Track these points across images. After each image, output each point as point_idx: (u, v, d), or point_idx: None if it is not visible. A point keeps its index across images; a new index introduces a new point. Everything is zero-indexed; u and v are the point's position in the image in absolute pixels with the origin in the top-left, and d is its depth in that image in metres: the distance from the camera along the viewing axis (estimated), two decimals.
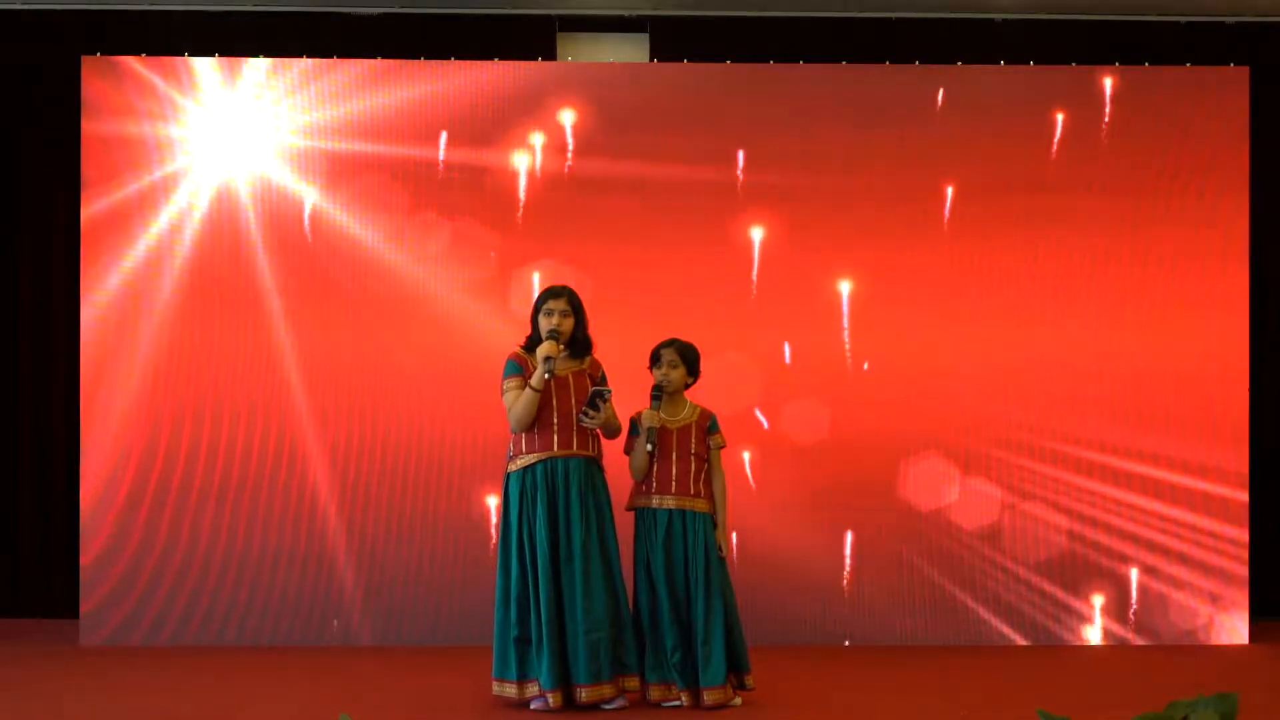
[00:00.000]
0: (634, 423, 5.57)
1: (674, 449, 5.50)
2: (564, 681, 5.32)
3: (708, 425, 5.58)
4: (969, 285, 6.94)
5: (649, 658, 5.44)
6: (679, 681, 5.40)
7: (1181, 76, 7.03)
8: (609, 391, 5.42)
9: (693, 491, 5.48)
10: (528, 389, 5.37)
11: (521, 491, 5.38)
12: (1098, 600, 6.88)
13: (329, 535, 6.84)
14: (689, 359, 5.60)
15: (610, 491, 5.52)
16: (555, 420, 5.40)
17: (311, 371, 6.86)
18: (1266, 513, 7.45)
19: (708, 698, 5.37)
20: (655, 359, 5.59)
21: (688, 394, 5.63)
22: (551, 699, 5.27)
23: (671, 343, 5.61)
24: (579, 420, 5.40)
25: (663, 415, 5.52)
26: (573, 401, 5.42)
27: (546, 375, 5.34)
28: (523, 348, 5.53)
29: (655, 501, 5.48)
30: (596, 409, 5.39)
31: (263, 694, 5.76)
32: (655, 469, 5.48)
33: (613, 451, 5.61)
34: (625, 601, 5.44)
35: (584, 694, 5.31)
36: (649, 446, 5.44)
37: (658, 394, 5.53)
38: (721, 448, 5.61)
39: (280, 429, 6.84)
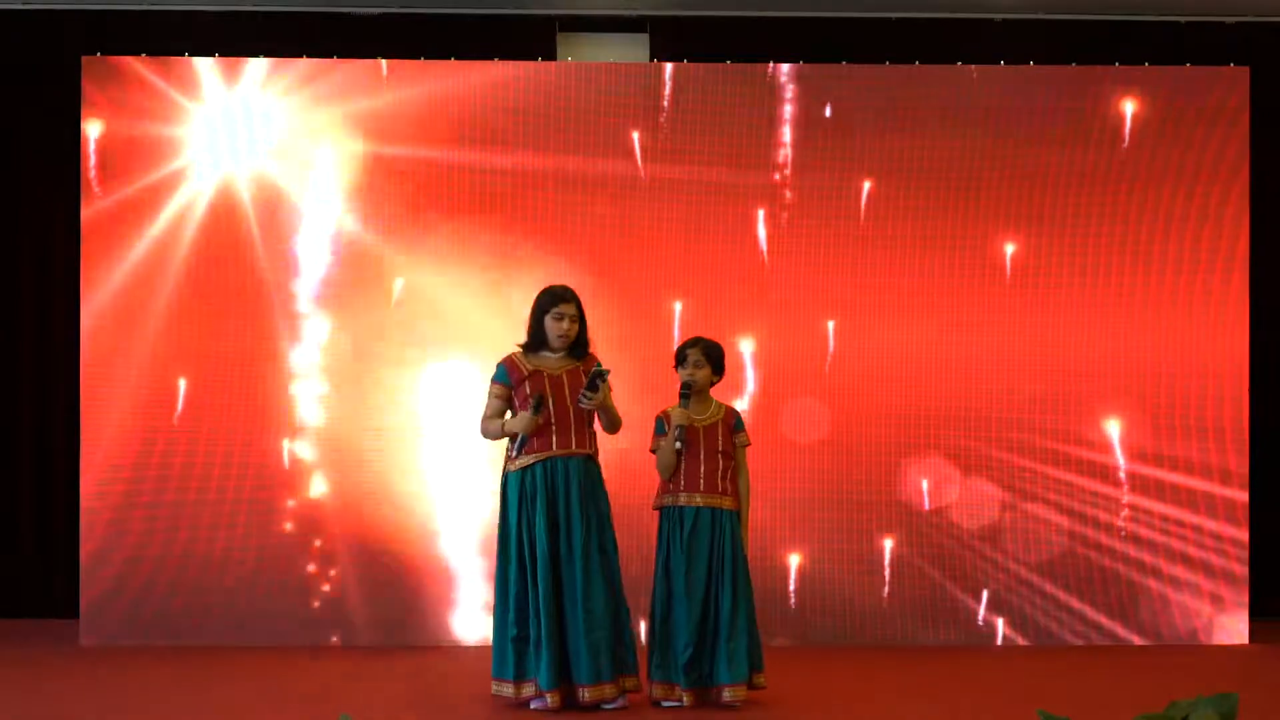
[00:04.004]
0: (659, 421, 5.57)
1: (701, 447, 5.49)
2: (562, 681, 5.31)
3: (733, 423, 5.59)
4: (969, 285, 6.94)
5: (655, 655, 5.44)
6: (683, 681, 5.39)
7: (1181, 76, 7.03)
8: (607, 372, 5.39)
9: (720, 489, 5.48)
10: (508, 423, 5.37)
11: (521, 491, 5.37)
12: (1098, 600, 6.88)
13: (329, 535, 6.84)
14: (714, 358, 5.59)
15: (609, 490, 5.52)
16: (554, 419, 5.39)
17: (311, 370, 6.85)
18: (1266, 513, 7.44)
19: (729, 694, 5.35)
20: (681, 358, 5.59)
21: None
22: (550, 699, 5.27)
23: (697, 342, 5.61)
24: (578, 401, 5.38)
25: (690, 414, 5.52)
26: (568, 401, 5.42)
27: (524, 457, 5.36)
28: (521, 347, 5.52)
29: (684, 499, 5.47)
30: (595, 389, 5.37)
31: (262, 694, 5.76)
32: (683, 467, 5.48)
33: (618, 452, 5.61)
34: (624, 600, 5.44)
35: (586, 694, 5.30)
36: (677, 445, 5.44)
37: (686, 392, 5.52)
38: (746, 445, 5.61)
39: (280, 429, 6.84)
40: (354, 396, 6.86)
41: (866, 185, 6.95)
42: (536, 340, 5.47)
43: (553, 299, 5.45)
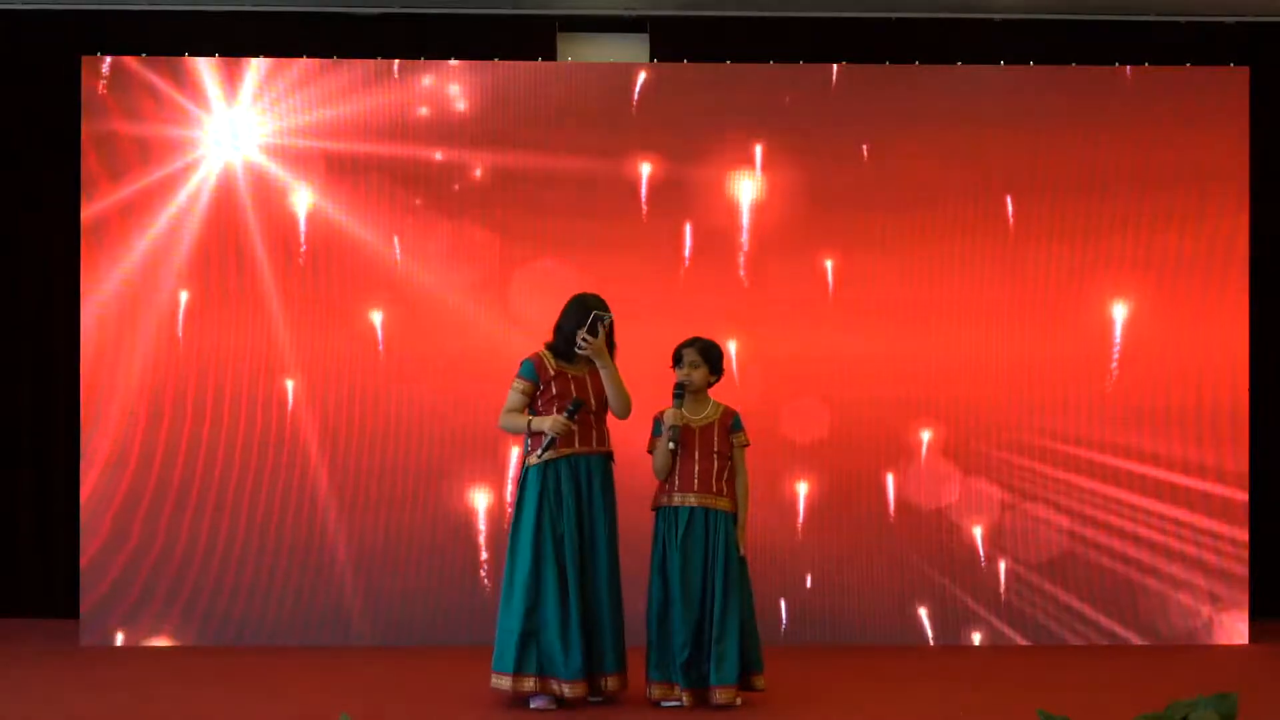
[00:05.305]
0: (657, 422, 5.57)
1: (696, 447, 5.49)
2: (589, 672, 5.37)
3: (731, 423, 5.58)
4: (969, 285, 6.94)
5: (653, 655, 5.45)
6: (682, 681, 5.39)
7: (1181, 76, 7.03)
8: (609, 317, 5.41)
9: (715, 490, 5.48)
10: (536, 421, 5.37)
11: (543, 485, 5.39)
12: (1097, 600, 6.89)
13: (329, 535, 6.84)
14: (711, 358, 5.59)
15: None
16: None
17: (311, 371, 6.86)
18: (1266, 513, 7.45)
19: (719, 696, 5.36)
20: (677, 358, 5.59)
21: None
22: (571, 689, 5.31)
23: (693, 342, 5.61)
24: (577, 346, 5.40)
25: (685, 414, 5.51)
26: (591, 401, 5.45)
27: (547, 453, 5.36)
28: (548, 346, 5.52)
29: (678, 499, 5.48)
30: (595, 333, 5.37)
31: (263, 694, 5.76)
32: (678, 467, 5.48)
33: (626, 451, 5.63)
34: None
35: (610, 683, 5.42)
36: (671, 445, 5.44)
37: (679, 392, 5.52)
38: (745, 446, 5.61)
39: (280, 429, 6.84)
40: (353, 397, 6.86)
41: (864, 185, 6.94)
42: (569, 347, 5.47)
43: (594, 307, 5.47)
